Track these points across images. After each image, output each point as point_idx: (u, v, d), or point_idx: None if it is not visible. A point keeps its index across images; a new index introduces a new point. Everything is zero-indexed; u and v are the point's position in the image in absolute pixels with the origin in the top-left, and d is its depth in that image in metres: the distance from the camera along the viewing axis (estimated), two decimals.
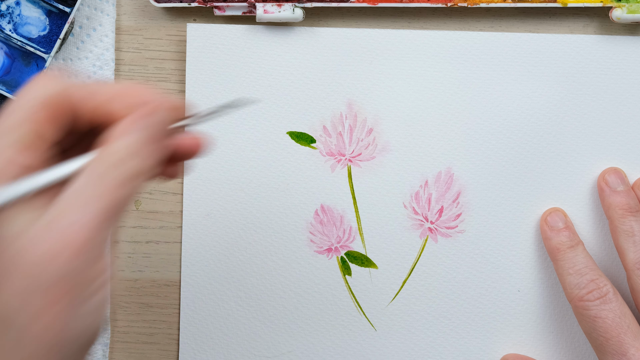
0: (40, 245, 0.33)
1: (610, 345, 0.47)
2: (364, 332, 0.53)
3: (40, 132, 0.35)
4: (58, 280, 0.34)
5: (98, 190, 0.34)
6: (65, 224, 0.33)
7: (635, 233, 0.49)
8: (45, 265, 0.33)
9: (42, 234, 0.34)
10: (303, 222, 0.53)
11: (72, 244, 0.33)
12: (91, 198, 0.34)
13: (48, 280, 0.34)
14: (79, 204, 0.34)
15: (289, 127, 0.53)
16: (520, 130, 0.52)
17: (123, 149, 0.35)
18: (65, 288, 0.34)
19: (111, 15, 0.53)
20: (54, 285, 0.34)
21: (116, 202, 0.34)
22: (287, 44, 0.53)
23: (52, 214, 0.34)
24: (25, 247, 0.34)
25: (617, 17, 0.50)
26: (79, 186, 0.34)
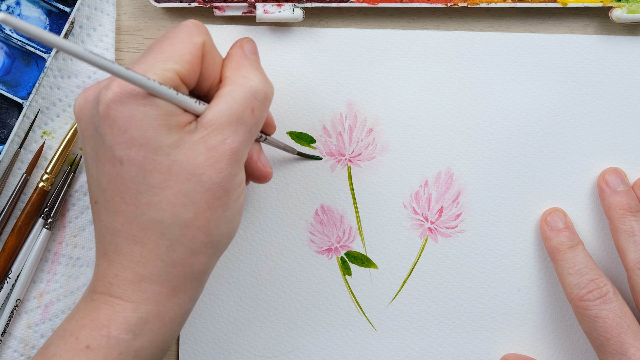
0: (193, 159, 0.39)
1: (611, 345, 0.47)
2: (364, 332, 0.53)
3: (193, 68, 0.41)
4: (210, 188, 0.40)
5: (242, 112, 0.41)
6: (217, 140, 0.40)
7: (635, 233, 0.49)
8: (199, 175, 0.39)
9: (195, 148, 0.40)
10: (303, 222, 0.53)
11: (225, 155, 0.40)
12: (237, 118, 0.41)
13: (202, 189, 0.40)
14: (227, 123, 0.40)
15: (289, 127, 0.53)
16: (520, 130, 0.52)
17: (249, 74, 0.42)
18: (216, 195, 0.40)
19: (111, 15, 0.53)
20: (207, 193, 0.40)
21: (256, 122, 0.41)
22: (287, 44, 0.53)
23: (200, 133, 0.40)
24: (179, 160, 0.39)
25: (617, 17, 0.51)
26: (226, 109, 0.41)
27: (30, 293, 0.53)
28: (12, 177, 0.53)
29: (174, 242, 0.40)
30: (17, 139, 0.53)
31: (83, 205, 0.53)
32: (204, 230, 0.40)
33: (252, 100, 0.41)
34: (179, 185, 0.39)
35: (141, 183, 0.40)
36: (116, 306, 0.40)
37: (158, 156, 0.39)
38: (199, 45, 0.41)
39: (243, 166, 0.42)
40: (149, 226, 0.40)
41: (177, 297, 0.41)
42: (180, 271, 0.41)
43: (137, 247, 0.40)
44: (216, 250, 0.42)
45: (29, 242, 0.52)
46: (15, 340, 0.53)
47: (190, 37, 0.41)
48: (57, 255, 0.53)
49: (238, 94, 0.41)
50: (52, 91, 0.53)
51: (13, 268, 0.52)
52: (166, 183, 0.39)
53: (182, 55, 0.40)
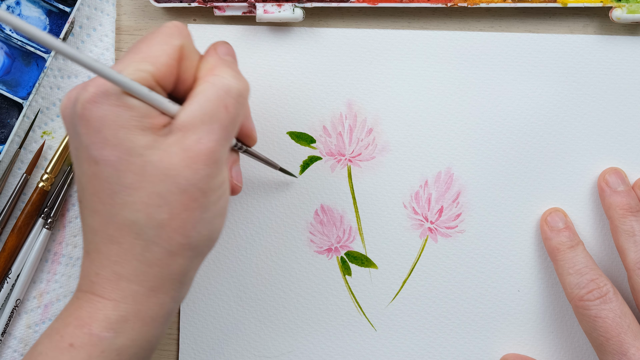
0: (167, 159, 0.39)
1: (611, 344, 0.47)
2: (364, 332, 0.53)
3: (169, 70, 0.40)
4: (186, 189, 0.39)
5: (215, 110, 0.40)
6: (193, 140, 0.39)
7: (635, 233, 0.49)
8: (173, 176, 0.39)
9: (170, 149, 0.39)
10: (303, 222, 0.53)
11: (200, 156, 0.39)
12: (211, 117, 0.40)
13: (177, 189, 0.39)
14: (201, 123, 0.40)
15: (289, 127, 0.53)
16: (520, 130, 0.52)
17: (225, 75, 0.41)
18: (192, 196, 0.40)
19: (111, 15, 0.53)
20: (182, 193, 0.39)
21: (231, 120, 0.41)
22: (287, 44, 0.53)
23: (175, 135, 0.40)
24: (153, 161, 0.39)
25: (617, 17, 0.51)
26: (198, 108, 0.40)
27: (30, 293, 0.53)
28: (12, 177, 0.53)
29: (149, 242, 0.40)
30: (17, 139, 0.53)
31: None
32: (180, 231, 0.40)
33: (225, 97, 0.41)
34: (153, 186, 0.39)
35: (115, 183, 0.39)
36: (97, 304, 0.40)
37: (131, 157, 0.39)
38: (176, 47, 0.41)
39: (224, 167, 0.41)
40: (124, 226, 0.40)
41: (156, 297, 0.41)
42: (157, 271, 0.40)
43: (114, 247, 0.40)
44: (196, 253, 0.41)
45: (29, 242, 0.52)
46: (15, 340, 0.53)
47: (169, 39, 0.41)
48: (57, 255, 0.53)
49: (210, 92, 0.40)
50: (52, 91, 0.53)
51: (13, 268, 0.52)
52: (140, 184, 0.39)
53: (157, 57, 0.40)
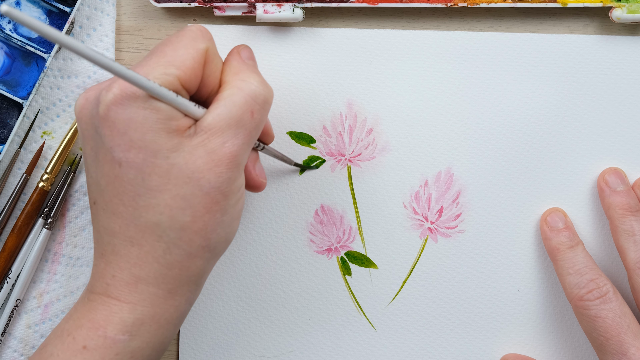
0: (192, 162, 0.39)
1: (611, 344, 0.47)
2: (364, 332, 0.53)
3: (194, 73, 0.41)
4: (209, 192, 0.40)
5: (242, 115, 0.41)
6: (217, 144, 0.40)
7: (635, 232, 0.49)
8: (197, 179, 0.39)
9: (195, 152, 0.40)
10: (303, 222, 0.53)
11: (224, 159, 0.40)
12: (237, 121, 0.41)
13: (200, 192, 0.40)
14: (227, 127, 0.40)
15: (289, 127, 0.53)
16: (520, 130, 0.52)
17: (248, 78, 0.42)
18: (216, 198, 0.40)
19: (111, 15, 0.53)
20: (205, 196, 0.40)
21: (255, 125, 0.42)
22: (287, 44, 0.53)
23: (200, 137, 0.40)
24: (178, 163, 0.39)
25: (617, 17, 0.51)
26: (225, 112, 0.41)
27: (30, 293, 0.53)
28: (12, 177, 0.53)
29: (170, 245, 0.40)
30: (17, 139, 0.53)
31: (83, 205, 0.53)
32: (201, 234, 0.40)
33: (252, 103, 0.41)
34: (177, 189, 0.40)
35: (139, 185, 0.40)
36: (113, 307, 0.41)
37: (157, 159, 0.39)
38: (202, 51, 0.41)
39: (243, 171, 0.42)
40: (146, 228, 0.40)
41: (173, 299, 0.41)
42: (176, 274, 0.41)
43: (134, 249, 0.40)
44: (213, 254, 0.42)
45: (29, 242, 0.52)
46: (15, 340, 0.53)
47: (194, 43, 0.41)
48: (57, 255, 0.53)
49: (238, 97, 0.41)
50: (52, 91, 0.53)
51: (13, 268, 0.52)
52: (164, 186, 0.39)
53: (184, 61, 0.40)
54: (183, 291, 0.41)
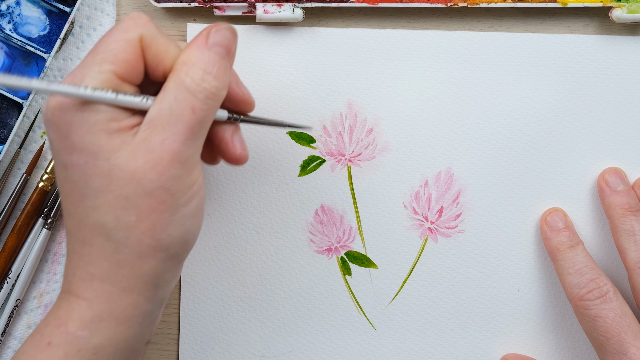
0: (133, 162, 0.39)
1: (611, 344, 0.47)
2: (364, 332, 0.53)
3: (131, 64, 0.40)
4: (152, 191, 0.39)
5: (181, 111, 0.39)
6: (157, 141, 0.39)
7: (635, 232, 0.49)
8: (139, 179, 0.39)
9: (136, 151, 0.39)
10: (303, 222, 0.53)
11: (164, 157, 0.39)
12: (177, 117, 0.39)
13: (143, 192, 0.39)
14: (165, 124, 0.39)
15: (289, 127, 0.53)
16: (520, 130, 0.52)
17: (196, 71, 0.40)
18: (159, 198, 0.39)
19: (111, 15, 0.53)
20: (149, 196, 0.39)
21: (197, 119, 0.40)
22: (287, 44, 0.53)
23: (141, 135, 0.39)
24: (119, 164, 0.39)
25: (617, 17, 0.51)
26: (162, 108, 0.39)
27: (30, 293, 0.53)
28: (12, 177, 0.53)
29: (119, 244, 0.40)
30: (17, 139, 0.53)
31: None
32: (149, 234, 0.40)
33: (191, 98, 0.40)
34: (120, 189, 0.39)
35: (84, 187, 0.40)
36: (73, 303, 0.41)
37: (98, 161, 0.39)
38: (134, 40, 0.40)
39: (194, 168, 0.41)
40: (94, 229, 0.40)
41: (129, 297, 0.41)
42: (128, 272, 0.40)
43: (86, 248, 0.40)
44: (168, 255, 0.41)
45: (29, 242, 0.52)
46: (16, 340, 0.53)
47: (124, 34, 0.40)
48: (57, 255, 0.53)
49: (177, 91, 0.40)
50: None
51: (13, 268, 0.52)
52: (107, 187, 0.39)
53: (116, 54, 0.40)
54: (139, 290, 0.41)
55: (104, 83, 0.39)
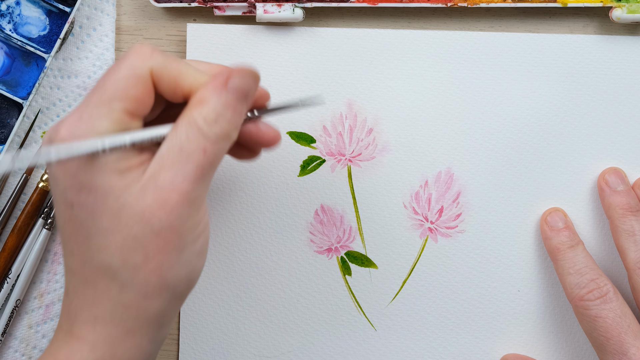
0: (142, 200, 0.38)
1: (611, 344, 0.47)
2: (364, 332, 0.53)
3: (142, 100, 0.39)
4: (160, 231, 0.38)
5: (192, 150, 0.39)
6: (166, 179, 0.38)
7: (635, 232, 0.49)
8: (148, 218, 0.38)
9: (144, 190, 0.38)
10: (303, 222, 0.53)
11: (172, 197, 0.38)
12: (186, 157, 0.38)
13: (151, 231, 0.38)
14: (175, 162, 0.38)
15: (289, 127, 0.53)
16: (520, 130, 0.52)
17: (210, 113, 0.39)
18: (167, 238, 0.38)
19: (111, 15, 0.53)
20: (157, 235, 0.38)
21: (208, 160, 0.39)
22: (287, 44, 0.53)
23: (150, 173, 0.39)
24: (129, 203, 0.38)
25: (617, 17, 0.51)
26: (174, 146, 0.39)
27: (30, 293, 0.53)
28: (12, 177, 0.53)
29: (125, 285, 0.39)
30: (17, 139, 0.53)
31: None
32: (156, 273, 0.39)
33: (203, 140, 0.39)
34: (128, 229, 0.38)
35: (91, 227, 0.39)
36: (74, 345, 0.40)
37: (107, 200, 0.38)
38: (144, 76, 0.40)
39: (200, 207, 0.40)
40: (99, 269, 0.39)
41: (133, 340, 0.40)
42: (133, 314, 0.39)
43: (89, 289, 0.39)
44: (174, 295, 0.40)
45: (29, 242, 0.52)
46: (17, 340, 0.53)
47: (134, 70, 0.39)
48: (57, 255, 0.53)
49: (190, 131, 0.39)
50: (52, 91, 0.53)
51: (13, 268, 0.52)
52: (116, 227, 0.38)
53: (126, 91, 0.39)
54: (144, 331, 0.40)
55: (115, 123, 0.38)
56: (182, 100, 0.41)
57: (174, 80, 0.40)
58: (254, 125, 0.43)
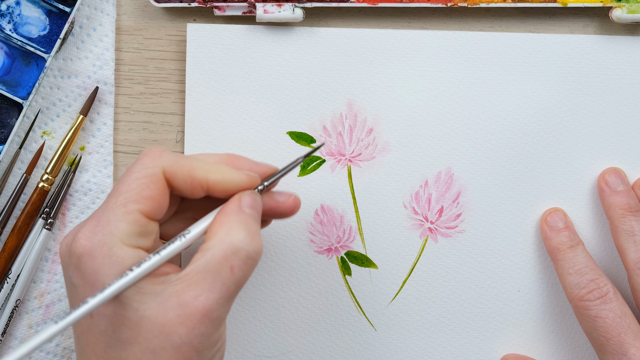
0: (163, 315, 0.38)
1: (611, 345, 0.47)
2: (364, 332, 0.53)
3: (157, 200, 0.40)
4: (180, 347, 0.38)
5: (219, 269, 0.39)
6: (190, 296, 0.38)
7: (635, 233, 0.49)
8: (168, 333, 0.38)
9: (167, 303, 0.38)
10: (303, 222, 0.53)
11: (196, 314, 0.38)
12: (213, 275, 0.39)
13: (170, 346, 0.38)
14: (202, 280, 0.39)
15: (289, 127, 0.53)
16: (520, 130, 0.52)
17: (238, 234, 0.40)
18: (186, 354, 0.38)
19: (111, 15, 0.53)
20: (176, 351, 0.38)
21: (235, 279, 0.40)
22: (287, 44, 0.53)
23: (177, 287, 0.39)
24: (151, 315, 0.38)
25: (617, 17, 0.51)
26: (202, 265, 0.39)
27: (31, 293, 0.53)
28: (12, 177, 0.53)
29: None
30: (17, 139, 0.53)
31: (83, 205, 0.53)
32: None
33: (232, 258, 0.40)
34: (147, 342, 0.38)
35: (110, 337, 0.39)
36: None
37: (127, 311, 0.38)
38: (157, 175, 0.40)
39: (221, 325, 0.40)
40: None
41: None
42: None
43: None
44: None
45: (29, 242, 0.52)
46: (17, 340, 0.53)
47: (146, 171, 0.40)
48: (57, 255, 0.53)
49: (217, 250, 0.40)
50: (52, 91, 0.53)
51: (13, 268, 0.52)
52: (135, 339, 0.38)
53: (140, 192, 0.40)
54: None
55: (132, 224, 0.39)
56: (199, 194, 0.42)
57: (188, 174, 0.41)
58: (270, 199, 0.44)
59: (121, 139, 0.54)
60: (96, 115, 0.53)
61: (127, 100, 0.54)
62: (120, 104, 0.54)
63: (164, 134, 0.53)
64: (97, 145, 0.53)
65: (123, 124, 0.54)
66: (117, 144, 0.54)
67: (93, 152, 0.53)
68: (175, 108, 0.53)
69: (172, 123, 0.53)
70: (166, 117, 0.53)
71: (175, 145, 0.53)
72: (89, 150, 0.53)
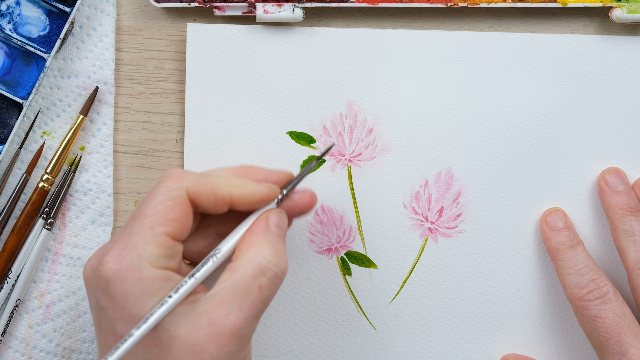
0: (194, 334, 0.39)
1: (611, 345, 0.47)
2: (364, 332, 0.53)
3: (182, 221, 0.41)
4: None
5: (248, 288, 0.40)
6: (219, 315, 0.39)
7: (635, 233, 0.49)
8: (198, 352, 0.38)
9: (197, 323, 0.39)
10: (303, 222, 0.53)
11: (226, 332, 0.39)
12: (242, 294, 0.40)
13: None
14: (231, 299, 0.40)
15: (289, 127, 0.53)
16: (520, 130, 0.52)
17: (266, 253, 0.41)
18: None
19: (111, 15, 0.53)
20: None
21: (263, 298, 0.41)
22: (287, 44, 0.53)
23: (206, 306, 0.40)
24: (181, 335, 0.39)
25: (617, 17, 0.51)
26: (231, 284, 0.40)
27: (31, 293, 0.53)
28: (12, 177, 0.53)
29: None
30: (17, 139, 0.53)
31: (83, 205, 0.53)
32: None
33: (260, 278, 0.41)
34: None
35: (141, 358, 0.39)
36: None
37: (157, 332, 0.39)
38: (181, 197, 0.41)
39: (248, 342, 0.41)
40: None
41: None
42: None
43: None
44: None
45: (29, 242, 0.52)
46: (17, 340, 0.53)
47: (169, 193, 0.41)
48: (57, 255, 0.53)
49: (246, 270, 0.41)
50: (52, 91, 0.53)
51: (13, 268, 0.52)
52: (166, 359, 0.39)
53: (166, 215, 0.40)
54: None
55: (159, 247, 0.40)
56: (223, 209, 0.43)
57: (212, 192, 0.42)
58: (287, 201, 0.45)
59: (121, 139, 0.54)
60: (96, 115, 0.53)
61: (127, 100, 0.54)
62: (120, 104, 0.54)
63: (164, 134, 0.53)
64: (97, 145, 0.53)
65: (123, 124, 0.54)
66: (117, 144, 0.54)
67: (93, 152, 0.53)
68: (175, 108, 0.53)
69: (172, 123, 0.53)
70: (166, 117, 0.53)
71: (175, 145, 0.53)
72: (89, 150, 0.53)
